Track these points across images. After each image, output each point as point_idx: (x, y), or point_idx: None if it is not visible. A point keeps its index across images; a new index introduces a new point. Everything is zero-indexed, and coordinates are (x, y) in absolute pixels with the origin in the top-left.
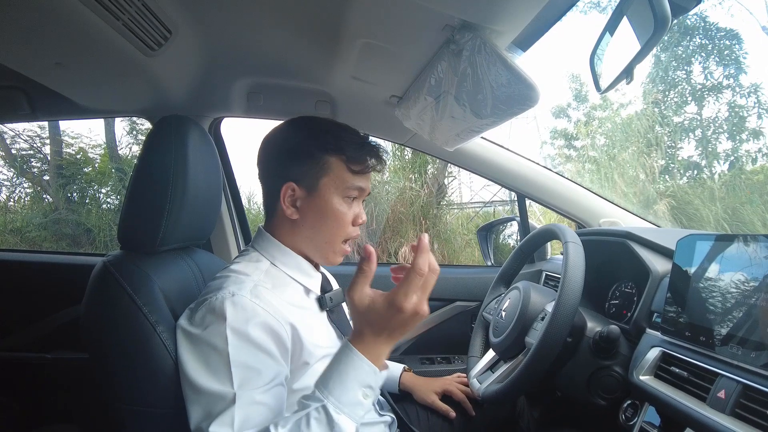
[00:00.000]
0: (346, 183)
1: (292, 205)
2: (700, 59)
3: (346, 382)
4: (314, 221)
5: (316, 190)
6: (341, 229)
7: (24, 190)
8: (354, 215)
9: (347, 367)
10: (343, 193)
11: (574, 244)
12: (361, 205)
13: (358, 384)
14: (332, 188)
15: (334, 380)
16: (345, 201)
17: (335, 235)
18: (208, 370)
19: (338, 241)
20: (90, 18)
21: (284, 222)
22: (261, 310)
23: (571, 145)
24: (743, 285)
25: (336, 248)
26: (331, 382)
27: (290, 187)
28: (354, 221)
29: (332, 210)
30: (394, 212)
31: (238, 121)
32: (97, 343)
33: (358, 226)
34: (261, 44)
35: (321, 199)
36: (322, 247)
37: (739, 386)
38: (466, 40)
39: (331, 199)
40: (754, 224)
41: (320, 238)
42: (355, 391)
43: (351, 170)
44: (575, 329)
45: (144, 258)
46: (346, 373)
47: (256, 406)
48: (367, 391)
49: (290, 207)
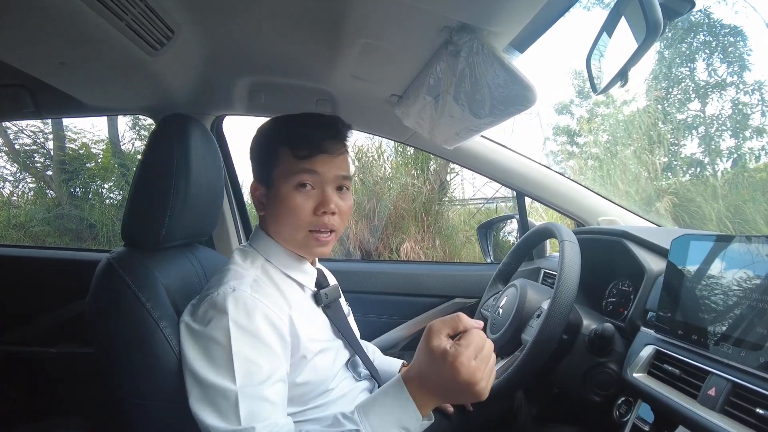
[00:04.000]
0: (293, 170)
1: (260, 202)
2: (704, 56)
3: (387, 418)
4: (275, 215)
5: (272, 184)
6: (298, 218)
7: (27, 185)
8: (316, 203)
9: (393, 403)
10: (293, 181)
11: (570, 242)
12: (331, 192)
13: (397, 424)
14: (282, 178)
15: (377, 411)
16: (297, 189)
17: (295, 225)
18: (212, 365)
19: (301, 231)
20: (93, 18)
21: (261, 219)
22: (261, 305)
23: (574, 142)
24: (736, 285)
25: (300, 238)
26: (373, 411)
27: (254, 186)
28: (316, 209)
29: (284, 200)
30: (396, 208)
31: (241, 119)
32: (102, 337)
33: (325, 215)
34: (262, 43)
35: (276, 192)
36: (291, 239)
37: (729, 384)
38: (464, 41)
39: (281, 189)
40: (756, 222)
41: (285, 231)
42: (393, 429)
43: (296, 156)
44: (571, 327)
45: (147, 254)
46: (390, 409)
47: (261, 401)
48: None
49: (259, 204)
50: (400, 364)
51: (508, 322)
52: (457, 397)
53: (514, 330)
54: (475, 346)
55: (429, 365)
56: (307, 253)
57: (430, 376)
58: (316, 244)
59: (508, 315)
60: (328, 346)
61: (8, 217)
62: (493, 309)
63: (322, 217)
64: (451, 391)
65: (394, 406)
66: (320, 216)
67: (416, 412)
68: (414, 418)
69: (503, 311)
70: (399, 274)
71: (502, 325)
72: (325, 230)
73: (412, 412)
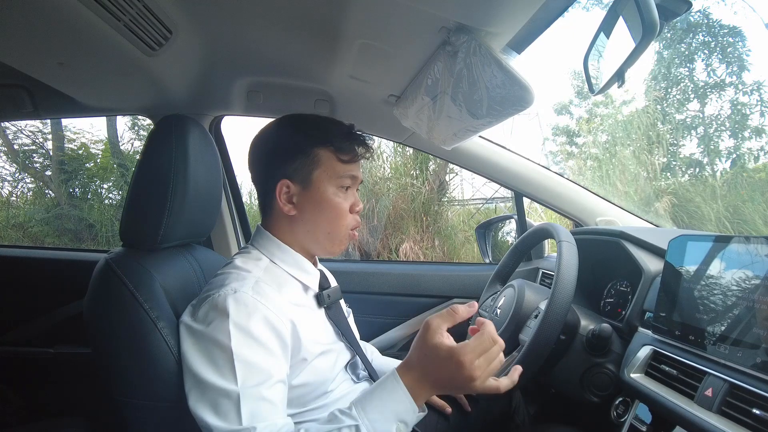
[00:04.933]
0: (338, 173)
1: (289, 201)
2: (703, 56)
3: (385, 411)
4: (313, 214)
5: (311, 184)
6: (341, 218)
7: (26, 186)
8: (351, 203)
9: (390, 396)
10: (336, 183)
11: (567, 243)
12: (356, 194)
13: (395, 416)
14: (325, 180)
15: (374, 405)
16: (340, 190)
17: (336, 225)
18: (213, 366)
19: (343, 229)
20: (92, 19)
21: (282, 219)
22: (262, 306)
23: (573, 142)
24: (733, 286)
25: (342, 236)
26: (370, 405)
27: (285, 184)
28: (351, 209)
29: (329, 201)
30: (396, 209)
31: (239, 119)
32: (100, 338)
33: (357, 214)
34: (260, 44)
35: (316, 192)
36: (324, 238)
37: (725, 385)
38: (462, 42)
39: (326, 190)
40: (755, 222)
41: (321, 230)
42: (390, 422)
43: (341, 160)
44: (568, 327)
45: (145, 255)
46: (387, 403)
47: (261, 401)
48: (401, 426)
49: (287, 204)
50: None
51: (506, 322)
52: (451, 390)
53: (512, 330)
54: (483, 347)
55: (431, 361)
56: (331, 251)
57: (432, 372)
58: (349, 239)
59: (505, 315)
60: (329, 349)
61: (7, 217)
62: (491, 309)
63: (356, 215)
64: (448, 387)
65: (391, 400)
66: (355, 215)
67: (413, 405)
68: (411, 411)
69: (501, 311)
70: (398, 274)
71: (500, 326)
72: (357, 227)
73: (409, 405)
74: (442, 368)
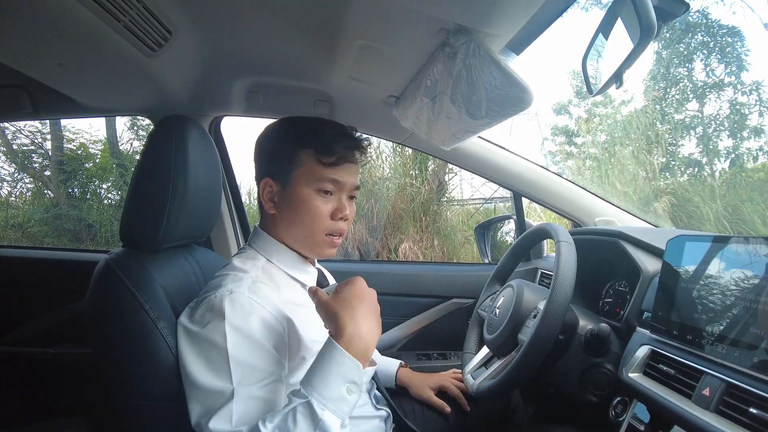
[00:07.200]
0: (317, 175)
1: (270, 200)
2: (702, 56)
3: (329, 378)
4: (289, 214)
5: (289, 184)
6: (316, 221)
7: (25, 186)
8: (333, 208)
9: (330, 362)
10: (315, 185)
11: (566, 243)
12: (345, 200)
13: (341, 379)
14: (303, 181)
15: (318, 376)
16: (318, 194)
17: (312, 228)
18: (208, 367)
19: (318, 234)
20: (91, 20)
21: (268, 218)
22: (259, 307)
23: (572, 142)
24: (731, 286)
25: (317, 240)
26: (315, 378)
27: (267, 183)
28: (333, 215)
29: (303, 202)
30: (395, 209)
31: (239, 120)
32: (100, 338)
33: (341, 221)
34: (260, 44)
35: (293, 192)
36: (302, 240)
37: (723, 384)
38: (461, 43)
39: (302, 191)
40: (754, 222)
41: (298, 232)
42: (338, 386)
43: (322, 162)
44: (567, 327)
45: (145, 255)
46: (329, 369)
47: (254, 401)
48: (351, 386)
49: (269, 202)
50: (397, 365)
51: (505, 322)
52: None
53: (510, 330)
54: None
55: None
56: (317, 254)
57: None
58: (329, 246)
59: (504, 315)
60: None
61: (6, 217)
62: (490, 309)
63: (338, 222)
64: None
65: (332, 364)
66: (336, 221)
67: (354, 362)
68: (355, 368)
69: (500, 311)
70: (397, 274)
71: (499, 326)
72: (338, 234)
73: (351, 363)
74: (341, 313)
